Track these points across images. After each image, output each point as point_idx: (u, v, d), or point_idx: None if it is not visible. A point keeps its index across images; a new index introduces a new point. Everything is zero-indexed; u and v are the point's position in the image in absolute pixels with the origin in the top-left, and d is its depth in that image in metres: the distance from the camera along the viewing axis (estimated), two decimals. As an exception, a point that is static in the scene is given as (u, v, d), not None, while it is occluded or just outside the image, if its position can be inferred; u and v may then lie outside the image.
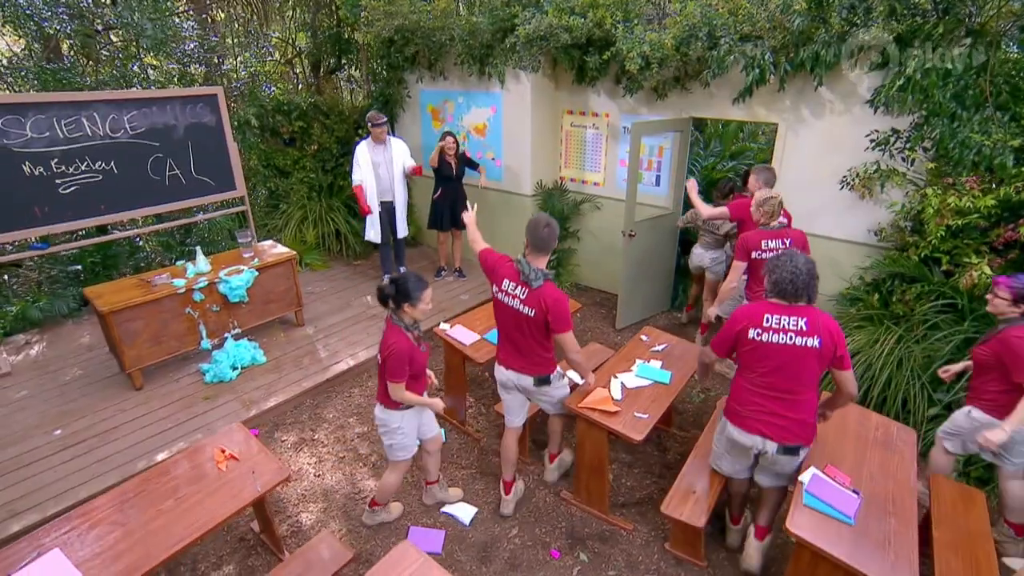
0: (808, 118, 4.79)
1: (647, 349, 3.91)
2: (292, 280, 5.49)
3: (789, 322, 2.59)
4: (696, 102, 5.27)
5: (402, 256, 6.77)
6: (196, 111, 5.66)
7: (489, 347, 4.07)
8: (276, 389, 4.69)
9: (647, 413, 3.24)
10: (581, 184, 6.39)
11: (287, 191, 7.26)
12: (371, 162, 6.01)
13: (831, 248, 4.90)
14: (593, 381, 3.36)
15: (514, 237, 6.69)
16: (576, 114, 6.13)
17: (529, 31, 5.12)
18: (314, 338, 5.50)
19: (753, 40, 4.62)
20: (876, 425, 3.22)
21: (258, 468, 2.90)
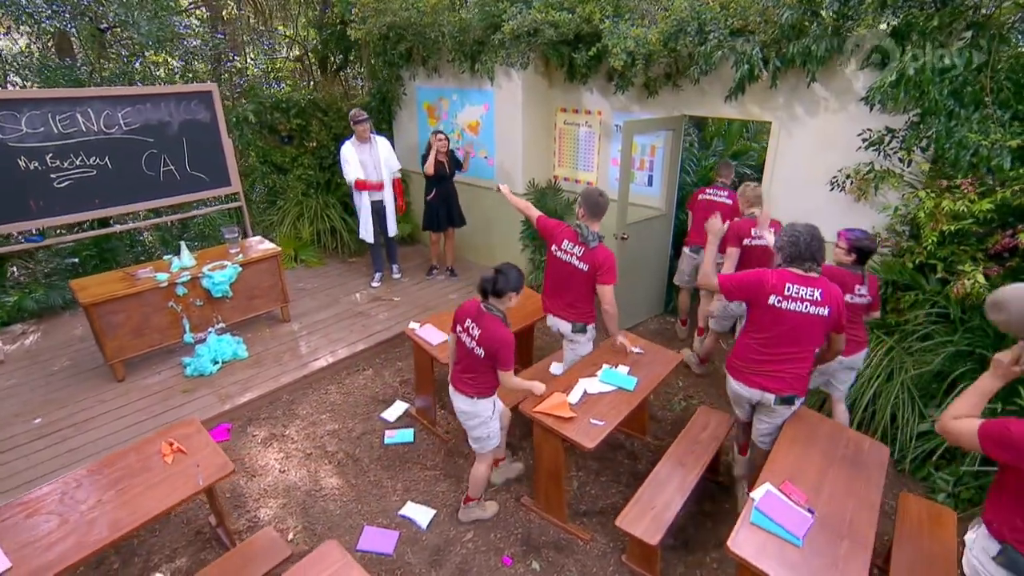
0: (802, 116, 4.67)
1: (617, 354, 3.85)
2: (277, 276, 5.56)
3: (806, 292, 2.91)
4: (688, 100, 5.18)
5: (394, 254, 6.81)
6: (191, 108, 5.79)
7: (458, 347, 4.06)
8: (253, 384, 4.76)
9: (603, 420, 3.19)
10: (575, 183, 6.34)
11: (284, 188, 7.37)
12: (359, 161, 6.04)
13: (825, 252, 4.76)
14: (621, 340, 3.79)
15: (507, 236, 6.68)
16: (569, 112, 6.09)
17: (514, 27, 5.10)
18: (298, 334, 5.57)
19: (745, 35, 4.53)
20: (848, 441, 3.12)
21: (204, 462, 2.94)
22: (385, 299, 6.34)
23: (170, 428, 3.16)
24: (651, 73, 5.18)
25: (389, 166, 6.14)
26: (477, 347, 3.05)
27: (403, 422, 4.50)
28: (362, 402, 4.74)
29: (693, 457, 3.34)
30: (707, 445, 3.45)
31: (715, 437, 3.52)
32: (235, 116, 6.90)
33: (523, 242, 6.56)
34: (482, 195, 6.85)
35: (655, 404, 4.67)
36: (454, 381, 3.24)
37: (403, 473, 3.96)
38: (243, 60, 9.71)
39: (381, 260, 6.73)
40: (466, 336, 3.10)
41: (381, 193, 6.20)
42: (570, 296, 3.66)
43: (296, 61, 9.88)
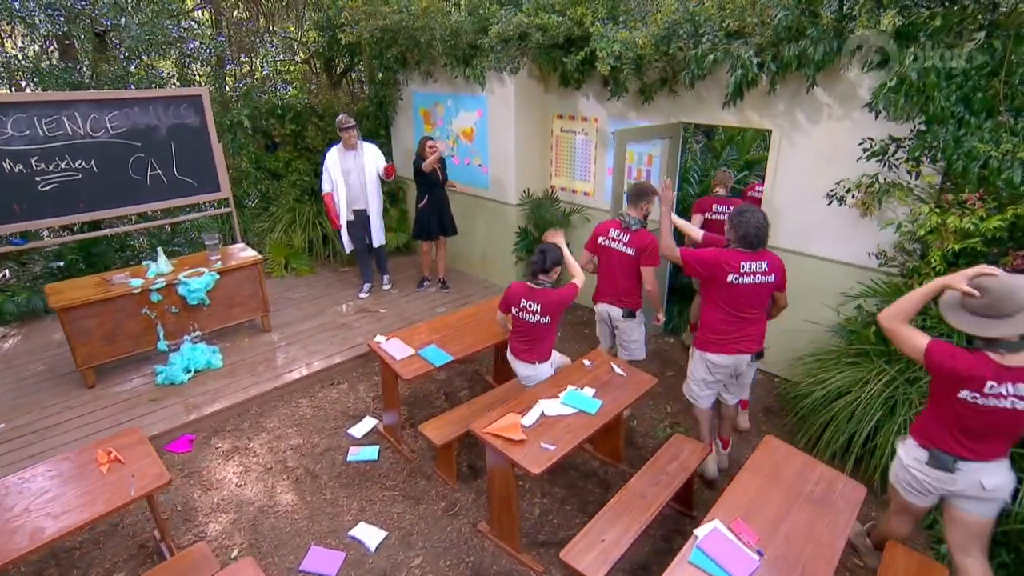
0: (804, 124, 4.61)
1: (586, 375, 3.83)
2: (258, 284, 5.69)
3: (756, 266, 3.51)
4: (685, 106, 5.16)
5: (384, 264, 6.89)
6: (179, 112, 5.99)
7: (422, 363, 4.09)
8: (223, 395, 4.86)
9: (555, 444, 3.17)
10: (571, 194, 6.35)
11: (277, 194, 7.54)
12: (341, 169, 6.15)
13: (829, 272, 4.68)
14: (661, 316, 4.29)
15: (501, 248, 6.71)
16: (566, 119, 6.11)
17: (500, 31, 5.16)
18: (277, 345, 5.68)
19: (742, 37, 4.50)
20: (819, 478, 3.03)
21: (140, 472, 3.02)
22: (371, 311, 6.42)
23: (111, 437, 3.25)
24: (646, 78, 5.18)
25: (376, 173, 6.24)
26: (543, 317, 3.75)
27: (370, 439, 4.54)
28: (331, 417, 4.80)
29: (656, 489, 3.29)
30: (674, 476, 3.39)
31: (684, 468, 3.46)
32: (229, 120, 7.10)
33: (517, 255, 6.58)
34: (476, 205, 6.90)
35: (637, 430, 4.61)
36: (515, 353, 3.97)
37: (361, 492, 3.99)
38: (251, 62, 10.02)
39: (370, 270, 6.82)
40: (526, 314, 3.78)
41: (364, 202, 6.29)
42: (621, 284, 4.21)
43: (304, 64, 10.15)
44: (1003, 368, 2.43)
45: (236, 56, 9.80)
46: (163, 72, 7.81)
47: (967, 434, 2.60)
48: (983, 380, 2.46)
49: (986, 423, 2.53)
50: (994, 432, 2.56)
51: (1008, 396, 2.45)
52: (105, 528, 3.66)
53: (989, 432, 2.56)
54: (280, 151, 7.82)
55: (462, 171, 6.84)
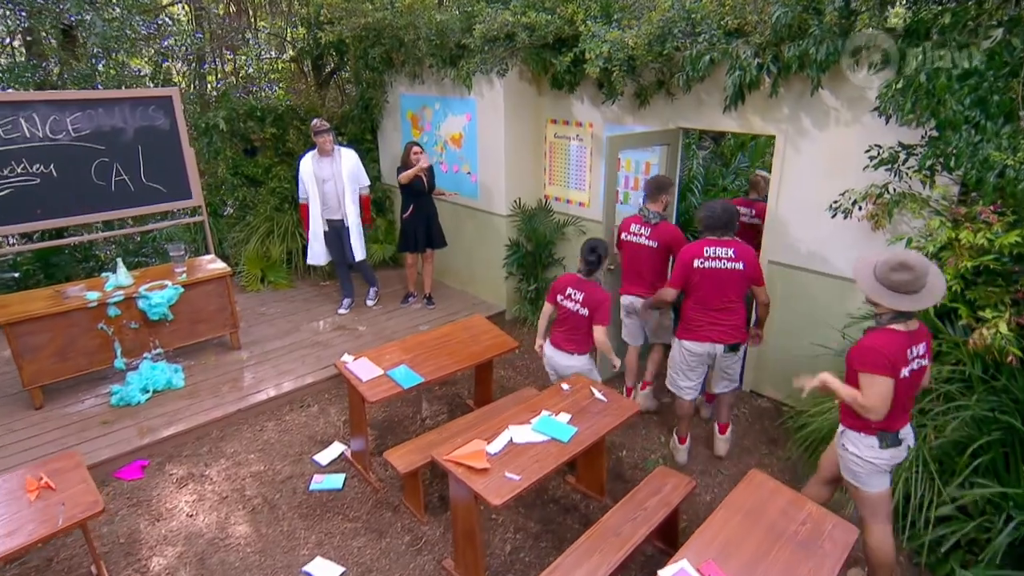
0: (809, 129, 4.62)
1: (563, 400, 3.83)
2: (226, 299, 5.76)
3: (722, 251, 4.01)
4: (684, 110, 5.19)
5: (369, 275, 6.93)
6: (148, 114, 6.12)
7: (390, 385, 4.12)
8: (182, 417, 4.91)
9: (521, 474, 3.17)
10: (566, 204, 6.39)
11: (255, 201, 7.65)
12: (315, 177, 6.24)
13: (838, 290, 4.68)
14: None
15: (491, 262, 6.74)
16: (560, 123, 6.17)
17: (484, 30, 5.23)
18: (245, 363, 5.74)
19: (743, 36, 4.53)
20: (806, 517, 3.00)
21: (71, 500, 3.06)
22: (350, 328, 6.47)
23: (44, 461, 3.30)
24: (642, 81, 5.22)
25: (355, 181, 6.32)
26: (582, 308, 4.09)
27: (336, 466, 4.56)
28: (297, 442, 4.83)
29: (632, 526, 3.27)
30: (653, 512, 3.38)
31: (665, 503, 3.44)
32: (204, 123, 7.23)
33: (508, 269, 6.61)
34: (465, 215, 6.95)
35: (626, 461, 4.60)
36: (555, 342, 4.29)
37: (321, 524, 4.01)
38: (234, 61, 10.22)
39: (350, 285, 6.88)
40: (569, 302, 4.15)
41: (341, 212, 6.37)
42: (647, 277, 4.64)
43: (292, 62, 10.32)
44: (909, 335, 2.99)
45: (218, 54, 10.00)
46: (141, 71, 8.00)
47: (900, 408, 3.06)
48: (905, 353, 2.96)
49: (910, 389, 3.06)
50: (911, 395, 3.12)
51: (916, 357, 3.02)
52: (38, 562, 3.69)
53: (910, 397, 3.11)
54: (260, 156, 7.94)
55: (450, 179, 6.91)
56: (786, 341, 5.05)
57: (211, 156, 7.48)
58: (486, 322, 5.00)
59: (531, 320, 6.62)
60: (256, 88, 10.14)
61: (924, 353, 3.06)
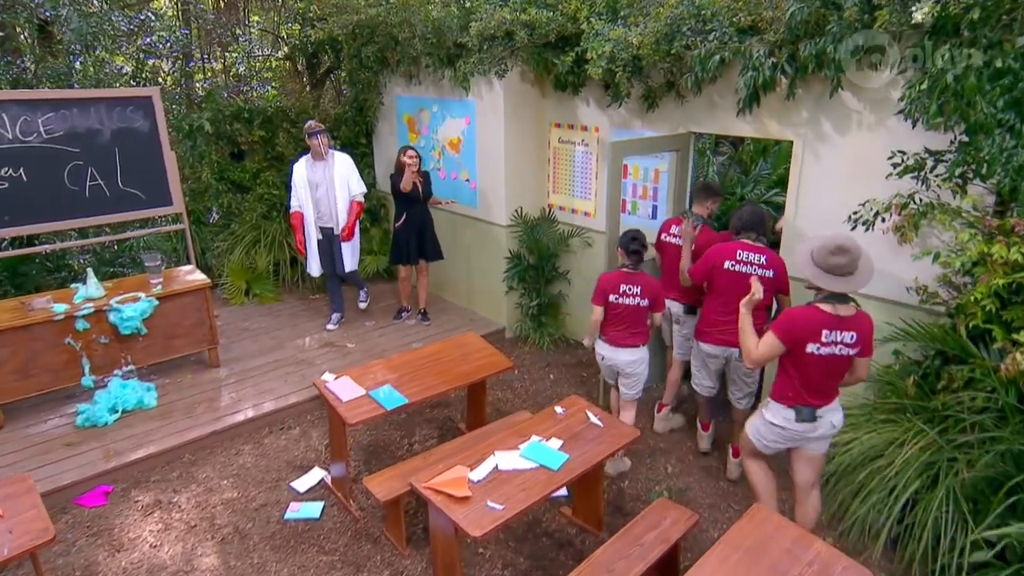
0: (830, 134, 4.60)
1: (555, 424, 3.81)
2: (205, 313, 5.80)
3: (755, 257, 4.28)
4: (695, 114, 5.20)
5: (360, 281, 6.98)
6: (126, 115, 6.21)
7: (372, 406, 4.12)
8: (153, 439, 4.93)
9: (504, 504, 3.15)
10: (571, 214, 6.40)
11: (241, 208, 7.72)
12: (308, 182, 6.30)
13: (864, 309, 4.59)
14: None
15: (491, 274, 6.75)
16: (564, 127, 6.19)
17: (481, 28, 5.28)
18: (224, 382, 5.76)
19: (757, 33, 4.53)
20: (814, 558, 2.94)
21: (20, 527, 3.07)
22: (338, 345, 6.49)
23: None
24: (651, 82, 5.23)
25: (347, 188, 6.37)
26: (642, 300, 4.38)
27: (315, 494, 4.56)
28: (275, 467, 4.83)
29: (626, 563, 3.24)
30: (650, 548, 3.34)
31: (664, 539, 3.40)
32: (188, 125, 7.32)
33: (508, 283, 6.61)
34: (463, 225, 6.98)
35: (628, 492, 4.56)
36: (616, 340, 4.52)
37: (295, 556, 3.99)
38: (223, 58, 10.36)
39: (340, 299, 6.91)
40: (627, 298, 4.37)
41: (333, 219, 6.43)
42: (673, 278, 4.87)
43: (286, 60, 10.45)
44: (834, 318, 3.36)
45: (206, 51, 10.15)
46: (124, 69, 8.11)
47: (815, 387, 3.48)
48: (819, 331, 3.36)
49: (826, 370, 3.44)
50: (831, 377, 3.49)
51: (838, 343, 3.38)
52: (-13, 592, 3.71)
53: (828, 378, 3.48)
54: (247, 160, 8.02)
55: (448, 186, 6.95)
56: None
57: (195, 160, 7.57)
58: (479, 340, 5.00)
59: (533, 339, 6.61)
60: (247, 88, 10.29)
61: (854, 342, 3.40)
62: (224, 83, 9.59)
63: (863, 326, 3.44)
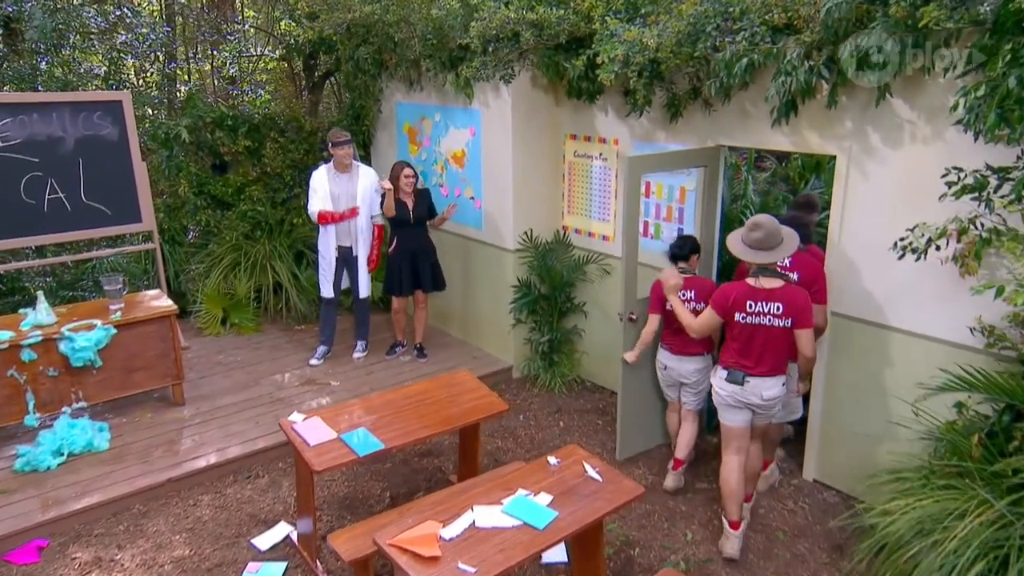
0: (878, 147, 4.58)
1: (547, 477, 3.80)
2: (170, 343, 5.91)
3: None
4: (724, 125, 5.23)
5: (365, 322, 7.12)
6: (92, 121, 6.43)
7: (343, 452, 4.14)
8: (100, 486, 5.01)
9: (477, 567, 3.14)
10: (587, 237, 6.44)
11: (220, 227, 7.88)
12: (329, 193, 6.47)
13: (916, 352, 4.59)
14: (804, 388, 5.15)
15: (496, 304, 6.80)
16: (580, 140, 6.27)
17: (482, 29, 5.38)
18: (188, 422, 5.85)
19: (794, 33, 4.55)
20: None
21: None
22: (321, 383, 6.57)
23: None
24: (675, 88, 5.27)
25: (370, 206, 6.56)
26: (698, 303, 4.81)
27: (278, 552, 4.59)
28: (236, 521, 4.88)
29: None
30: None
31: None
32: (164, 132, 7.53)
33: (516, 316, 6.64)
34: (467, 249, 7.07)
35: (639, 561, 4.53)
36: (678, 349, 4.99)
37: (248, 625, 4.00)
38: (211, 59, 10.68)
39: (331, 331, 7.03)
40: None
41: (351, 236, 6.59)
42: None
43: (281, 61, 10.72)
44: (757, 290, 4.19)
45: (193, 51, 10.46)
46: (100, 70, 8.39)
47: (746, 353, 4.30)
48: (744, 301, 4.20)
49: (757, 339, 4.24)
50: (766, 349, 4.25)
51: (765, 314, 4.17)
52: None
53: (763, 349, 4.25)
54: (230, 173, 8.21)
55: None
56: (855, 416, 4.93)
57: (171, 172, 7.76)
58: (472, 379, 5.03)
59: (543, 380, 6.62)
60: (237, 91, 10.58)
61: (782, 313, 4.17)
62: (213, 86, 9.86)
63: (792, 298, 4.17)
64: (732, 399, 4.40)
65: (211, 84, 11.15)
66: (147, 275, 7.81)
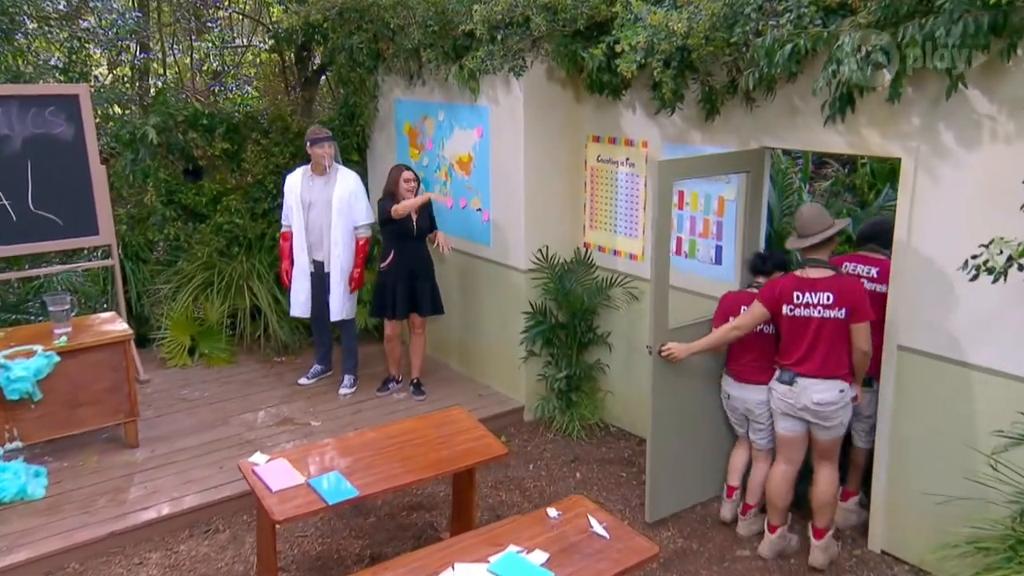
0: (952, 148, 4.52)
1: (543, 531, 3.79)
2: (123, 375, 5.99)
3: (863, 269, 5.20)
4: (769, 123, 5.22)
5: (352, 352, 7.19)
6: (43, 118, 6.61)
7: (311, 499, 4.15)
8: (30, 540, 5.02)
9: (450, 636, 3.13)
10: (612, 256, 6.46)
11: (192, 242, 8.01)
12: (300, 200, 6.60)
13: (1003, 395, 4.49)
14: None
15: (504, 338, 6.82)
16: (604, 142, 6.31)
17: (486, 14, 5.47)
18: (141, 467, 5.90)
19: (851, 13, 4.56)
20: None
21: None
22: (300, 422, 6.61)
23: None
24: (712, 81, 5.29)
25: (350, 216, 6.66)
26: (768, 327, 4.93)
27: (235, 622, 4.58)
28: (188, 584, 4.90)
29: None
30: None
31: None
32: (129, 133, 7.69)
33: (528, 347, 6.64)
34: (473, 268, 7.13)
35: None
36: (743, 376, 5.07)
37: None
38: (191, 50, 10.93)
39: (328, 348, 7.22)
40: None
41: (323, 250, 6.70)
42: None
43: (271, 53, 10.95)
44: (803, 280, 4.58)
45: (171, 40, 10.69)
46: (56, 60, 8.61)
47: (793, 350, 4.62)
48: (791, 292, 4.57)
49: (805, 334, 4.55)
50: (815, 345, 4.54)
51: (814, 305, 4.50)
52: None
53: (812, 346, 4.54)
54: (205, 180, 8.35)
55: (456, 217, 7.14)
56: (926, 473, 4.82)
57: (137, 178, 7.91)
58: (468, 417, 5.06)
59: (559, 423, 6.60)
60: (220, 87, 10.80)
61: (832, 303, 4.49)
62: (193, 82, 10.06)
63: (843, 287, 4.49)
64: (783, 403, 4.69)
65: (191, 79, 11.40)
66: (105, 296, 7.94)
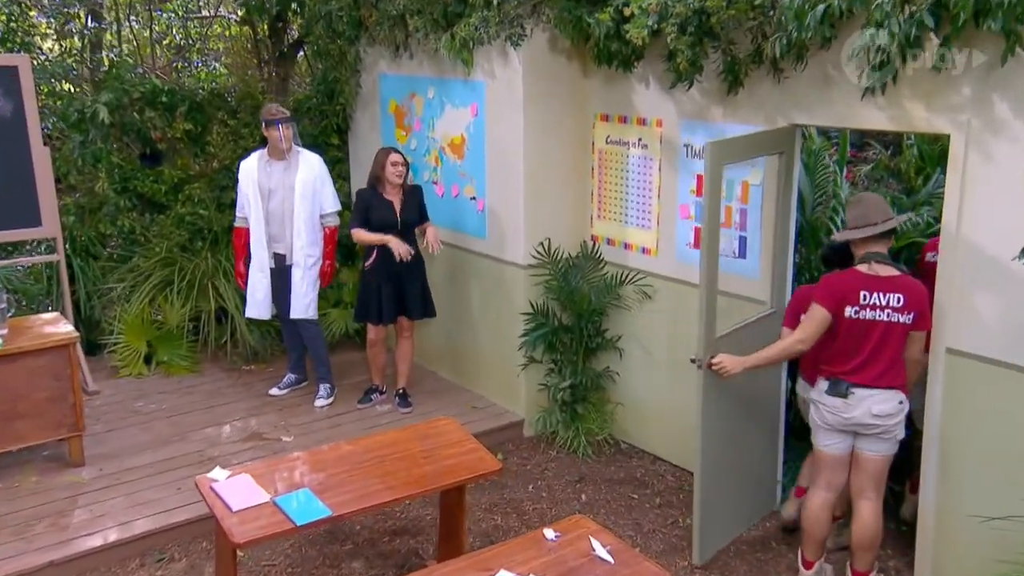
0: (1008, 121, 4.46)
1: (539, 554, 3.78)
2: (67, 383, 5.93)
3: None
4: (799, 96, 5.18)
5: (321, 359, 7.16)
6: (-25, 93, 6.56)
7: (277, 519, 4.11)
8: (-47, 573, 5.00)
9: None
10: (623, 249, 6.44)
11: (149, 235, 7.97)
12: (259, 188, 6.58)
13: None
14: None
15: (500, 343, 6.79)
16: (614, 121, 6.28)
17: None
18: (87, 488, 5.86)
19: None
20: None
21: None
22: (270, 437, 6.58)
23: None
24: (735, 50, 5.26)
25: (315, 203, 6.66)
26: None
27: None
28: (137, 620, 4.86)
29: None
30: None
31: None
32: (77, 111, 7.66)
33: (528, 352, 6.61)
34: (466, 264, 7.10)
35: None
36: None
37: None
38: (151, 22, 10.92)
39: (301, 354, 7.19)
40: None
41: (285, 241, 6.70)
42: None
43: (243, 25, 10.93)
44: (872, 278, 4.39)
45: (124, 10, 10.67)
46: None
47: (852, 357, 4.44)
48: (858, 291, 4.37)
49: (868, 340, 4.39)
50: (876, 352, 4.40)
51: (882, 307, 4.35)
52: None
53: (872, 352, 4.40)
54: (164, 165, 8.32)
55: (448, 206, 7.12)
56: (979, 496, 4.78)
57: (86, 162, 7.87)
58: (457, 428, 5.03)
59: (563, 438, 6.56)
60: (184, 63, 10.78)
61: (902, 306, 4.34)
62: (153, 56, 10.04)
63: (913, 288, 4.39)
64: (833, 417, 4.53)
65: (151, 54, 11.39)
66: (50, 296, 7.91)
